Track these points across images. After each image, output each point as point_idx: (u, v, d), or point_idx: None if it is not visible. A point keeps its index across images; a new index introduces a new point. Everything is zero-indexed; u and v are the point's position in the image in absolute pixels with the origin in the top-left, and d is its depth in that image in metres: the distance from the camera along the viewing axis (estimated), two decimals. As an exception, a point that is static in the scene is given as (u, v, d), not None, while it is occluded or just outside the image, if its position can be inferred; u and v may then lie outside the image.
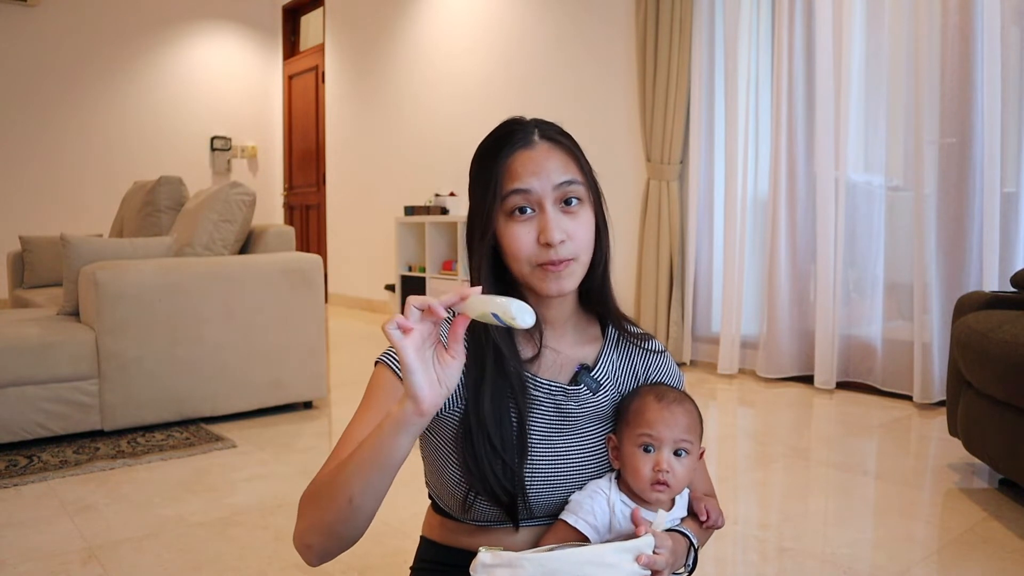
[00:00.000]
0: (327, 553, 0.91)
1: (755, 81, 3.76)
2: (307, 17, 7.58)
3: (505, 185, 0.94)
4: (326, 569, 1.66)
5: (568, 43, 4.68)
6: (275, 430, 2.83)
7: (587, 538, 0.94)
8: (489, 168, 0.96)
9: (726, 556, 1.76)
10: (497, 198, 0.94)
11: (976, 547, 1.78)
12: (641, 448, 0.97)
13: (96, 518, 1.96)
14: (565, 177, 0.94)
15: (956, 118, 3.07)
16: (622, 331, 1.07)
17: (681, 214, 4.03)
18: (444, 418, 1.00)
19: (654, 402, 0.99)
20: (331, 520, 0.88)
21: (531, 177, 0.93)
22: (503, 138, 0.97)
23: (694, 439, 0.99)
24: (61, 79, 6.45)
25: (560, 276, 0.94)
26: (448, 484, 1.00)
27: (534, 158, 0.94)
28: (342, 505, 0.86)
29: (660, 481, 0.96)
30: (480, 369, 0.98)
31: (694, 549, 0.98)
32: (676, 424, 0.98)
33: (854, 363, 3.48)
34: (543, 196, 0.93)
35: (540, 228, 0.93)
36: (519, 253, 0.95)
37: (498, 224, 0.96)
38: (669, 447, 0.97)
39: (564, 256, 0.93)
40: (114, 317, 2.66)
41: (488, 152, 0.98)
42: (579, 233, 0.95)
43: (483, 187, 0.97)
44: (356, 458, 0.86)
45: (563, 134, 0.99)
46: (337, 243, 7.04)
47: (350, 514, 0.87)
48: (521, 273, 0.96)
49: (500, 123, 1.01)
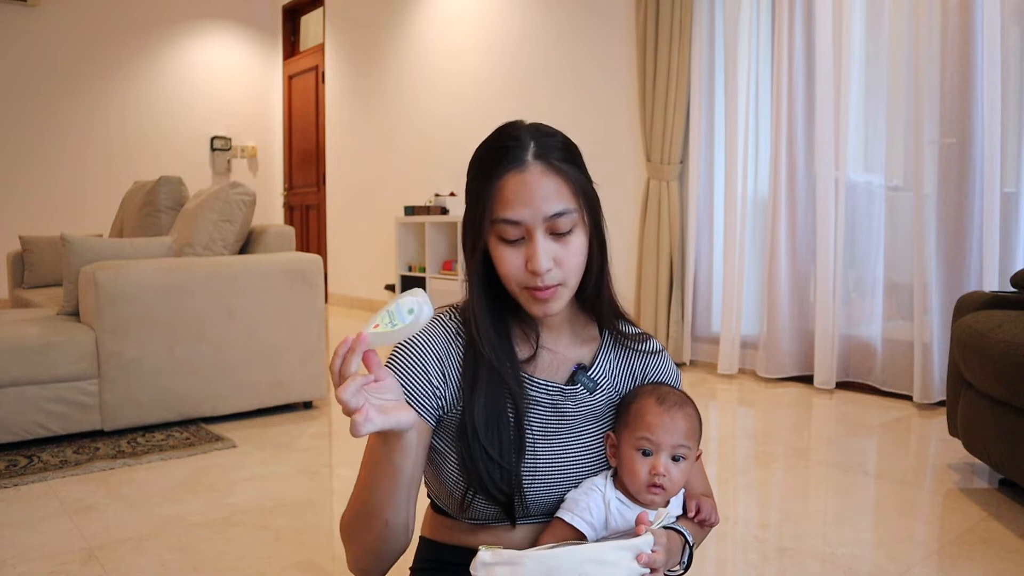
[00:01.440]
0: (384, 567, 1.00)
1: (755, 81, 3.76)
2: (307, 17, 7.58)
3: (495, 210, 0.93)
4: (326, 569, 1.67)
5: (568, 43, 4.69)
6: (275, 430, 2.83)
7: (584, 535, 0.95)
8: (481, 185, 0.94)
9: (726, 556, 1.76)
10: (487, 220, 0.94)
11: (976, 547, 1.78)
12: (639, 451, 0.97)
13: (96, 518, 1.96)
14: (556, 208, 0.92)
15: (956, 118, 3.07)
16: (617, 336, 1.07)
17: (681, 214, 4.03)
18: (445, 420, 1.00)
19: (655, 405, 0.99)
20: (377, 543, 0.95)
21: (522, 207, 0.91)
22: (497, 154, 0.94)
23: (692, 444, 0.99)
24: (61, 79, 6.45)
25: (546, 301, 0.95)
26: (446, 483, 1.01)
27: (527, 183, 0.91)
28: (380, 528, 0.93)
29: (656, 484, 0.96)
30: (475, 370, 0.98)
31: (689, 547, 0.98)
32: (676, 429, 0.97)
33: (854, 363, 3.48)
34: (533, 226, 0.92)
35: (528, 256, 0.92)
36: (507, 275, 0.95)
37: (489, 241, 0.96)
38: (667, 452, 0.97)
39: (550, 283, 0.93)
40: (114, 317, 2.66)
41: (482, 166, 0.96)
42: (568, 259, 0.94)
43: (475, 202, 0.96)
44: (371, 483, 0.92)
45: (560, 149, 0.95)
46: (337, 243, 7.04)
47: (391, 532, 0.94)
48: (510, 290, 0.97)
49: (498, 129, 0.99)
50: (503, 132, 0.97)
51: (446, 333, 1.02)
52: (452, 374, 1.00)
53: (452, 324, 1.02)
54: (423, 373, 0.98)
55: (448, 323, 1.03)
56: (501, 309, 1.00)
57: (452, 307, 1.05)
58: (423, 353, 0.99)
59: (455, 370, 1.00)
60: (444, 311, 1.05)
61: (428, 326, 1.02)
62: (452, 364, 1.00)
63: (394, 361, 1.00)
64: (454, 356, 1.00)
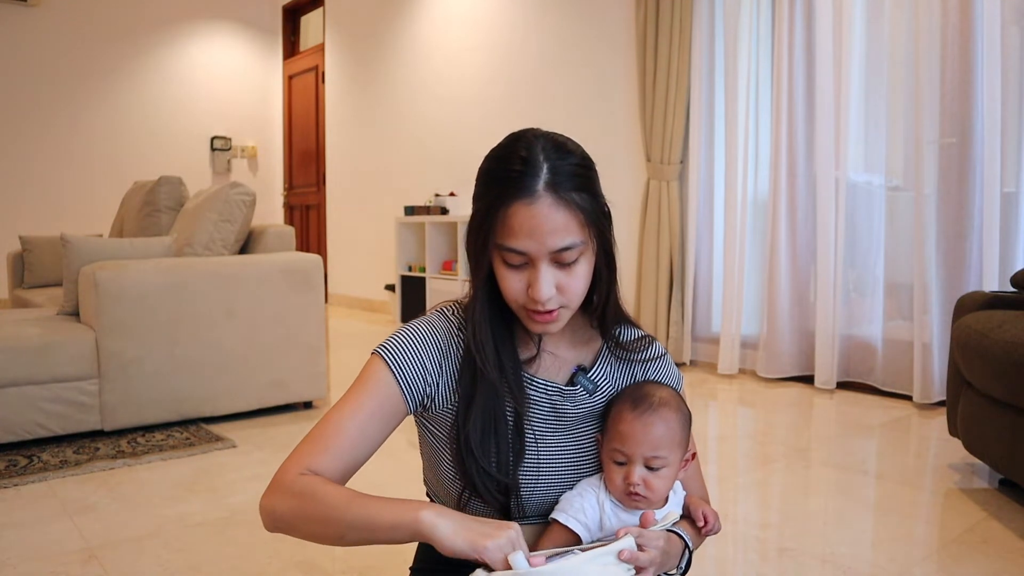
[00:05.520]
0: (293, 535, 0.93)
1: (755, 81, 3.76)
2: (307, 17, 7.58)
3: (500, 236, 0.91)
4: (326, 569, 1.67)
5: (568, 43, 4.68)
6: (275, 430, 2.83)
7: (579, 537, 0.94)
8: (489, 208, 0.91)
9: (726, 556, 1.76)
10: (491, 244, 0.92)
11: (976, 547, 1.78)
12: (613, 461, 0.96)
13: (96, 518, 1.96)
14: (563, 243, 0.89)
15: (956, 118, 3.07)
16: (616, 347, 1.06)
17: (681, 214, 4.03)
18: (437, 415, 1.00)
19: (628, 412, 0.96)
20: (315, 532, 0.90)
21: (527, 239, 0.89)
22: (507, 178, 0.90)
23: (669, 452, 0.95)
24: (61, 79, 6.45)
25: (546, 323, 0.94)
26: (443, 481, 1.01)
27: (534, 216, 0.88)
28: (330, 534, 0.88)
29: (632, 493, 0.94)
30: (472, 372, 0.98)
31: (688, 550, 0.98)
32: (646, 439, 0.94)
33: (854, 363, 3.48)
34: (537, 258, 0.90)
35: (530, 282, 0.91)
36: (508, 296, 0.94)
37: (492, 259, 0.94)
38: (640, 462, 0.94)
39: (551, 308, 0.93)
40: (114, 317, 2.66)
41: (491, 185, 0.92)
42: (571, 285, 0.93)
43: (481, 221, 0.93)
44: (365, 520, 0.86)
45: (574, 176, 0.90)
46: (337, 243, 7.04)
47: (335, 542, 0.89)
48: (511, 306, 0.97)
49: (511, 139, 0.94)
50: (515, 148, 0.92)
51: (449, 327, 1.02)
52: (449, 366, 1.00)
53: (455, 320, 1.03)
54: (418, 356, 0.98)
55: (451, 318, 1.03)
56: (504, 309, 1.00)
57: (456, 302, 1.05)
58: (424, 339, 0.99)
59: (453, 363, 1.00)
60: (448, 305, 1.05)
61: (433, 317, 1.03)
62: (451, 357, 1.00)
63: (393, 339, 1.00)
64: (454, 350, 1.00)
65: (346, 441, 0.94)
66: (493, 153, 0.95)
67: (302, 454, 0.94)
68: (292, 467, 0.93)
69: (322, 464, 0.92)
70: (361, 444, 0.95)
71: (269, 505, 0.92)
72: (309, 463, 0.92)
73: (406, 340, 0.99)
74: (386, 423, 0.97)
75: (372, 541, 0.87)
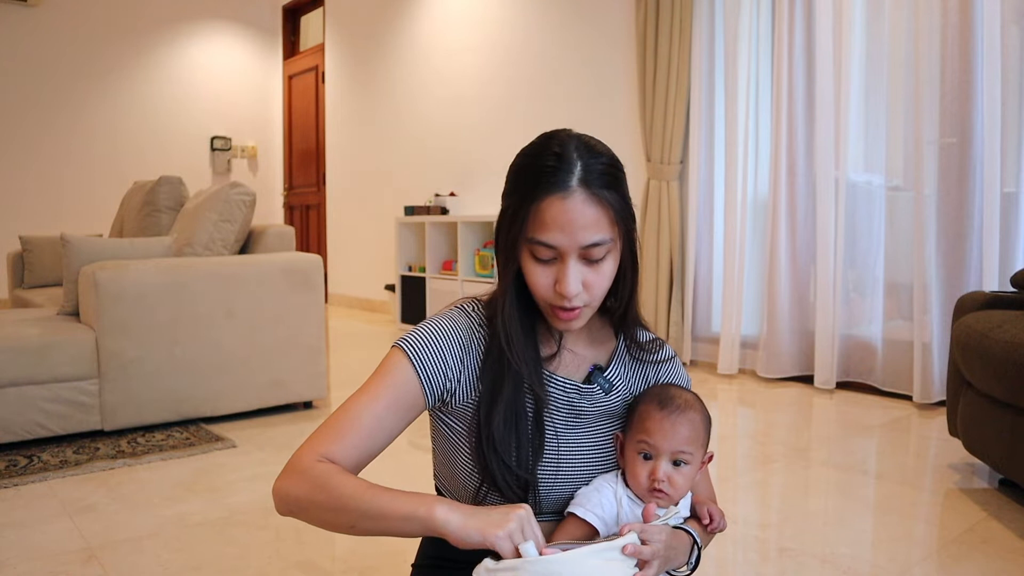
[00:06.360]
0: (303, 519, 0.93)
1: (755, 81, 3.76)
2: (307, 17, 7.58)
3: (531, 230, 0.92)
4: (326, 569, 1.67)
5: (568, 43, 4.68)
6: (275, 430, 2.83)
7: (597, 530, 0.95)
8: (521, 202, 0.93)
9: (726, 556, 1.76)
10: (522, 238, 0.94)
11: (976, 547, 1.78)
12: (640, 455, 0.97)
13: (96, 518, 1.96)
14: (594, 239, 0.91)
15: (956, 118, 3.07)
16: (631, 347, 1.08)
17: (681, 214, 4.03)
18: (456, 409, 1.01)
19: (656, 410, 0.98)
20: (327, 519, 0.91)
21: (559, 233, 0.91)
22: (541, 173, 0.92)
23: (695, 449, 0.98)
24: (61, 79, 6.45)
25: (569, 320, 0.96)
26: (459, 476, 1.02)
27: (567, 211, 0.90)
28: (342, 522, 0.89)
29: (656, 489, 0.96)
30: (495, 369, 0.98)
31: (698, 548, 0.98)
32: (675, 435, 0.96)
33: (854, 363, 3.48)
34: (567, 252, 0.92)
35: (558, 277, 0.93)
36: (535, 290, 0.96)
37: (521, 253, 0.96)
38: (667, 457, 0.96)
39: (576, 305, 0.94)
40: (114, 317, 2.66)
41: (525, 180, 0.94)
42: (597, 282, 0.95)
43: (512, 216, 0.95)
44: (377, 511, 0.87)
45: (606, 174, 0.93)
46: (337, 243, 7.04)
47: (346, 530, 0.90)
48: (536, 301, 0.98)
49: (543, 138, 0.96)
50: (548, 145, 0.94)
51: (471, 323, 1.03)
52: (471, 361, 1.00)
53: (476, 316, 1.03)
54: (440, 350, 0.99)
55: (472, 314, 1.04)
56: (529, 306, 1.01)
57: (475, 299, 1.06)
58: (446, 334, 1.00)
59: (475, 358, 1.00)
60: (468, 302, 1.06)
61: (454, 313, 1.04)
62: (473, 352, 1.01)
63: (415, 333, 1.00)
64: (476, 346, 1.01)
65: (363, 431, 0.95)
66: (526, 150, 0.97)
67: (319, 441, 0.95)
68: (308, 453, 0.94)
69: (338, 452, 0.94)
70: (378, 435, 0.96)
71: (283, 488, 0.93)
72: (325, 450, 0.94)
73: (428, 334, 1.00)
74: (403, 415, 0.98)
75: (382, 532, 0.88)
